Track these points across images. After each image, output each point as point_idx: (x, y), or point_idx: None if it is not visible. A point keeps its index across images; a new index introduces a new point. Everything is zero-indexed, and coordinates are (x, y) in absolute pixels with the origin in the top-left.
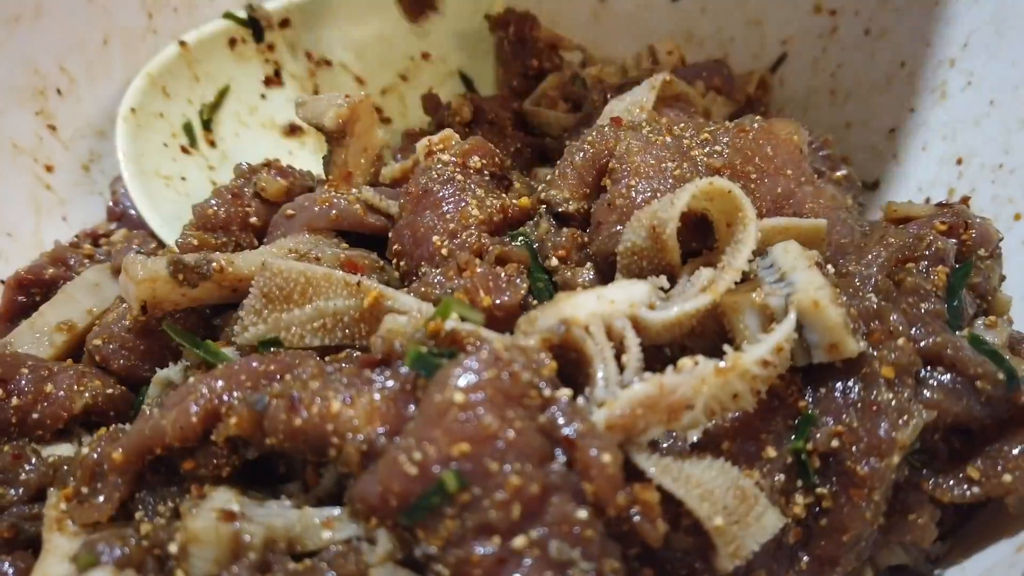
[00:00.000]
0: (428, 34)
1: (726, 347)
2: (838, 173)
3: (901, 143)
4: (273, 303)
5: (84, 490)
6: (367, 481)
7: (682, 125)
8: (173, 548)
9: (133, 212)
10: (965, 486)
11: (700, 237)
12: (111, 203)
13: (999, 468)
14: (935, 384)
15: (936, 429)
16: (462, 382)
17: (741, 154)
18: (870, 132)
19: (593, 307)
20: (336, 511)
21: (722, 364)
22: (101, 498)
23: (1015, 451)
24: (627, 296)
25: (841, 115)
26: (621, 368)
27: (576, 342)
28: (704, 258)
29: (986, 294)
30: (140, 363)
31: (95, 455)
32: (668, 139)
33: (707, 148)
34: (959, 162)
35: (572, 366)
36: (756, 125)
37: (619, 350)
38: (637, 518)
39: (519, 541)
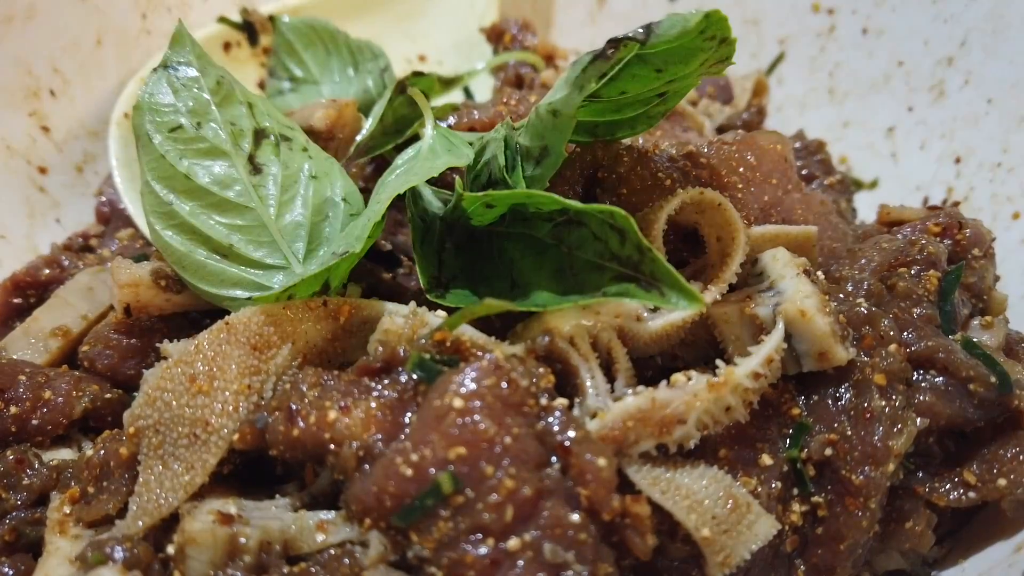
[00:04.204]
0: (424, 36)
1: (719, 362)
2: (831, 177)
3: (899, 142)
4: (262, 351)
5: (90, 490)
6: (362, 482)
7: (669, 142)
8: (171, 550)
9: (123, 207)
10: (961, 490)
11: (691, 249)
12: (100, 205)
13: (994, 472)
14: (927, 387)
15: (930, 432)
16: (462, 389)
17: (726, 165)
18: (868, 131)
19: (577, 319)
20: (331, 515)
21: (715, 379)
22: (108, 495)
23: (1009, 455)
24: (613, 308)
25: (839, 114)
26: (611, 378)
27: (560, 352)
28: (692, 267)
29: (981, 293)
30: (125, 361)
31: (100, 454)
32: (657, 151)
33: (693, 160)
34: (957, 161)
35: (561, 376)
36: (738, 137)
37: (608, 361)
38: (628, 531)
39: (512, 543)
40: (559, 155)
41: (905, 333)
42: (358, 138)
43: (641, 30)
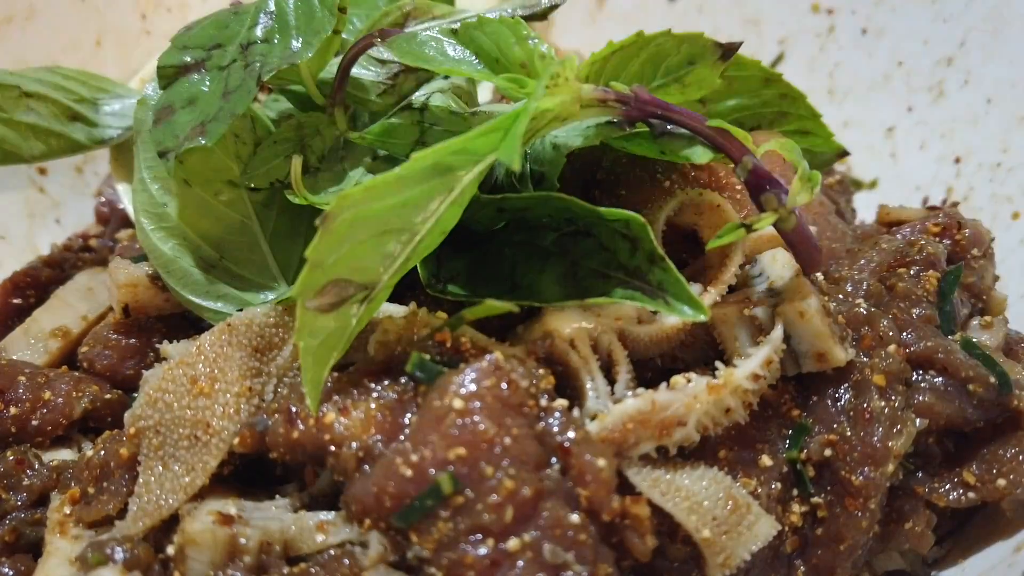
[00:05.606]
0: None
1: (718, 363)
2: (831, 178)
3: (899, 142)
4: (264, 353)
5: (91, 491)
6: (362, 483)
7: None
8: (171, 550)
9: (122, 207)
10: (961, 490)
11: (689, 250)
12: (99, 205)
13: (994, 472)
14: (927, 387)
15: (930, 432)
16: (462, 389)
17: (724, 166)
18: (868, 131)
19: (578, 321)
20: (331, 515)
21: (715, 381)
22: (109, 495)
23: (1009, 455)
24: (613, 310)
25: (839, 114)
26: (612, 380)
27: (561, 354)
28: (692, 268)
29: (980, 293)
30: (124, 361)
31: (100, 455)
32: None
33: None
34: (957, 161)
35: (561, 378)
36: None
37: (609, 363)
38: (628, 532)
39: (512, 543)
40: (552, 185)
41: (904, 333)
42: None
43: (656, 121)
